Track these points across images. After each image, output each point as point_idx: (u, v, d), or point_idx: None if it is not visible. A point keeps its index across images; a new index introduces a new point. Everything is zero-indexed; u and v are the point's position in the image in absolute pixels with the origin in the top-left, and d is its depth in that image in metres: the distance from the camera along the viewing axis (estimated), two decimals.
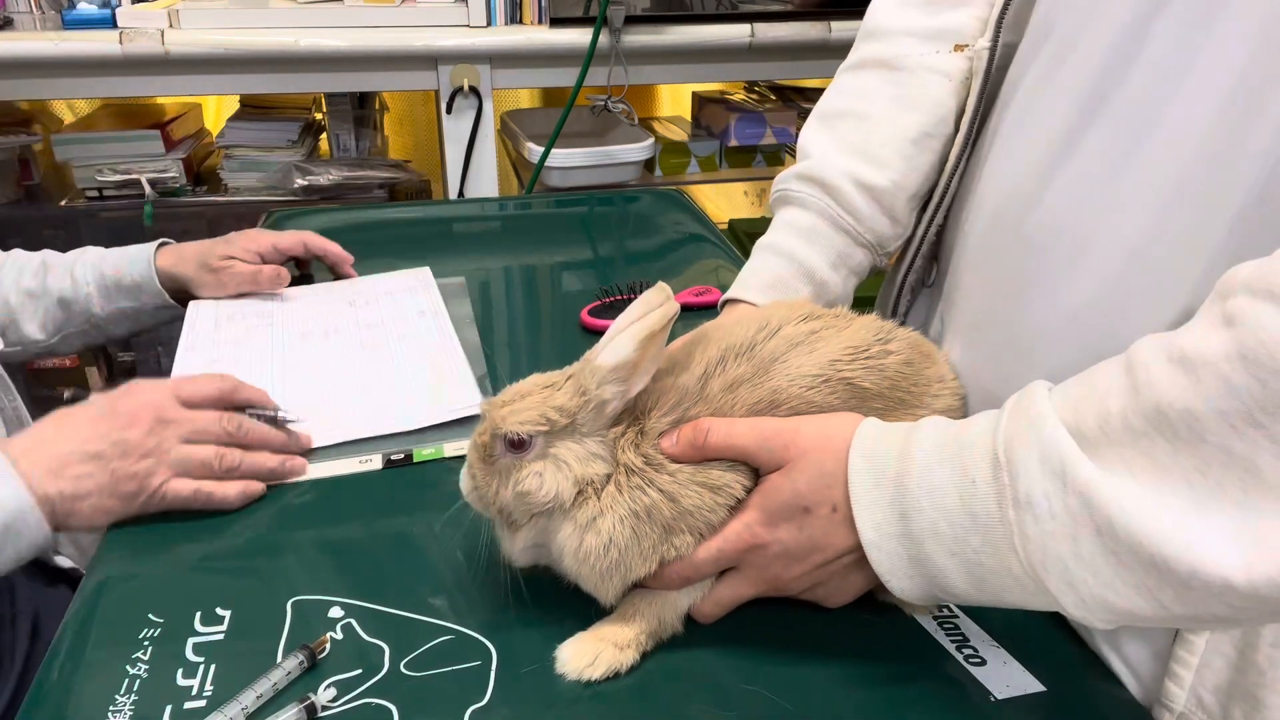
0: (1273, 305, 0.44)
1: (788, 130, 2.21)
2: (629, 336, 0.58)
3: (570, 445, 0.60)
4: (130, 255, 1.10)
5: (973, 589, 0.55)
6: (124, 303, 1.10)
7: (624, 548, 0.59)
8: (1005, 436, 0.52)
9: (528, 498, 0.59)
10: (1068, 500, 0.49)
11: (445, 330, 1.04)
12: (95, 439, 0.73)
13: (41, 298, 1.09)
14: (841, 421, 0.60)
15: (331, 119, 2.18)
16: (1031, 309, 0.65)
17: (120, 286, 1.09)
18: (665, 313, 0.58)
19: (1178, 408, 0.46)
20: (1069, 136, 0.63)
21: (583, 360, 0.61)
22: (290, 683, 0.59)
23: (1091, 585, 0.49)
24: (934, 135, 0.82)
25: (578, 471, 0.59)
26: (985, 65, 0.76)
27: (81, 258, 1.11)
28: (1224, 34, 0.55)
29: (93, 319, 1.11)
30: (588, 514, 0.59)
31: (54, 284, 1.09)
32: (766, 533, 0.59)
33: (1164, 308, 0.57)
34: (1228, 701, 0.56)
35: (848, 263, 0.85)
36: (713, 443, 0.60)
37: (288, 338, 1.02)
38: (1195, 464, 0.46)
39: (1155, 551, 0.46)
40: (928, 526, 0.54)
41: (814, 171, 0.84)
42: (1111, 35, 0.61)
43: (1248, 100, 0.53)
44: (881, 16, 0.86)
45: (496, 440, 0.60)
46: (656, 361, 0.60)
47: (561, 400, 0.59)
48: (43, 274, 1.09)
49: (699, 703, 0.59)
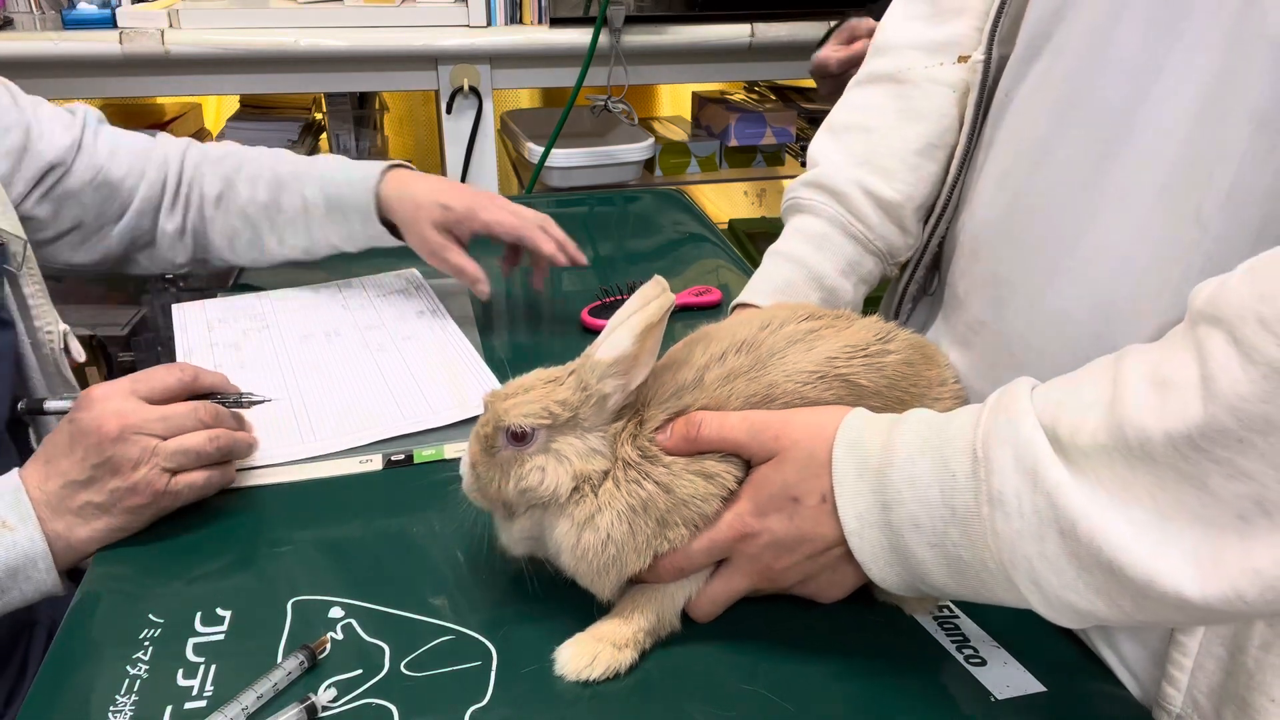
0: (1219, 331, 0.45)
1: (788, 130, 2.21)
2: (627, 330, 0.58)
3: (572, 440, 0.60)
4: (356, 179, 1.06)
5: (952, 581, 0.55)
6: (348, 225, 1.08)
7: (620, 543, 0.59)
8: (984, 432, 0.53)
9: (529, 493, 0.60)
10: (1036, 500, 0.49)
11: (450, 329, 1.05)
12: (77, 466, 0.70)
13: (277, 213, 1.08)
14: (832, 413, 0.60)
15: (331, 119, 2.18)
16: (1020, 315, 0.66)
17: (343, 209, 1.07)
18: (662, 305, 0.58)
19: (1135, 426, 0.47)
20: (1046, 143, 0.64)
21: (584, 356, 0.61)
22: (290, 683, 0.59)
23: (1055, 586, 0.50)
24: (939, 145, 0.82)
25: (578, 466, 0.60)
26: (980, 78, 0.77)
27: (312, 170, 1.08)
28: (1191, 37, 0.55)
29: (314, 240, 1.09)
30: (585, 511, 0.59)
31: (287, 201, 1.07)
32: (757, 522, 0.60)
33: (1151, 312, 0.58)
34: (1220, 704, 0.56)
35: (858, 270, 0.85)
36: (705, 435, 0.60)
37: (289, 340, 1.02)
38: (1154, 481, 0.46)
39: (1114, 559, 0.47)
40: (908, 517, 0.55)
41: (823, 179, 0.85)
42: (1079, 41, 0.62)
43: (1221, 103, 0.54)
44: (888, 33, 0.87)
45: (499, 432, 0.60)
46: (654, 354, 0.60)
47: (564, 394, 0.59)
48: (276, 189, 1.07)
49: (698, 702, 0.59)
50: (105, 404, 0.72)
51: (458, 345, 1.01)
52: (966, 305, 0.74)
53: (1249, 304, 0.44)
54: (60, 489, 0.71)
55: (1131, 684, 0.62)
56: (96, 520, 0.71)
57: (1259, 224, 0.53)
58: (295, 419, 0.88)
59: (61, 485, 0.71)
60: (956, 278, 0.76)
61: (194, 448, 0.73)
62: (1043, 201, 0.64)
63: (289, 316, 1.07)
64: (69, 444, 0.71)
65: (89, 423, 0.71)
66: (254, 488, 0.79)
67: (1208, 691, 0.57)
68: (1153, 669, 0.61)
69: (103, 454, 0.70)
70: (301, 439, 0.85)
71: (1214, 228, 0.54)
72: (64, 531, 0.70)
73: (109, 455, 0.70)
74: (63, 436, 0.72)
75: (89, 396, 0.73)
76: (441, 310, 1.09)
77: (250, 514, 0.76)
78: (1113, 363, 0.51)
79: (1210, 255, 0.54)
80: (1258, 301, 0.43)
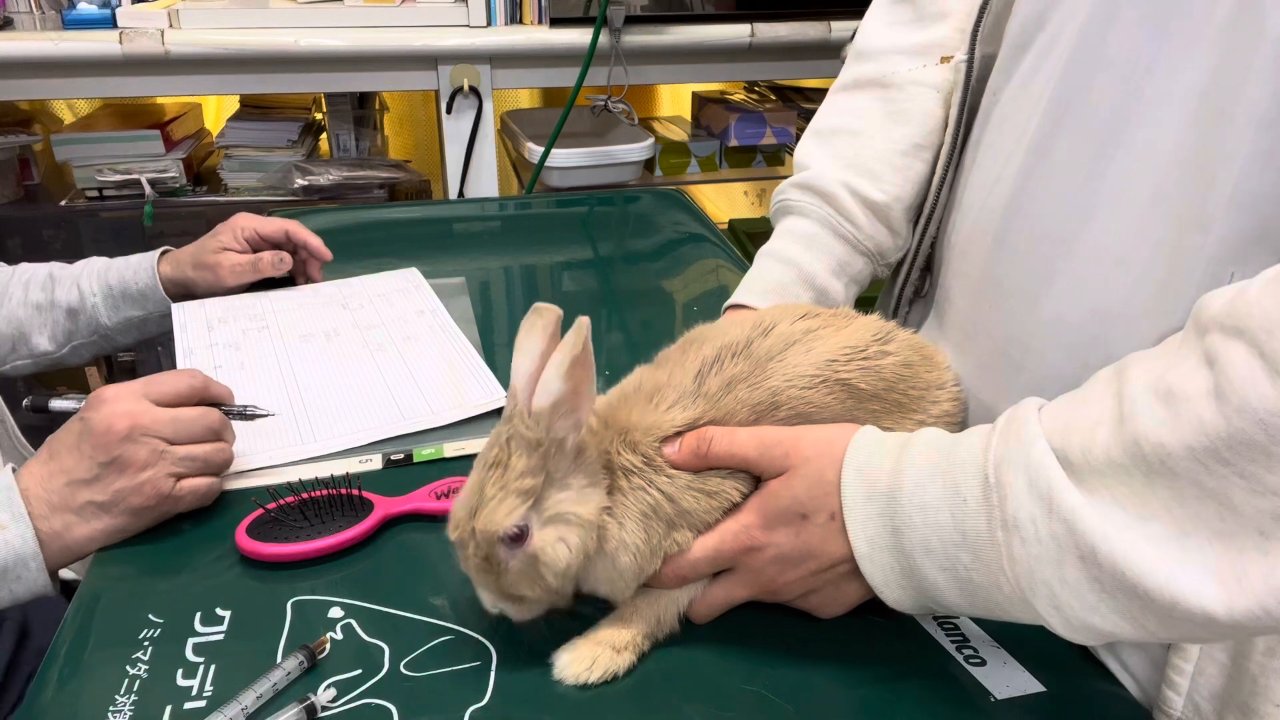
0: (1241, 343, 0.44)
1: (788, 130, 2.21)
2: (554, 371, 0.54)
3: (559, 496, 0.57)
4: (134, 264, 1.11)
5: (964, 602, 0.55)
6: (131, 312, 1.11)
7: (642, 551, 0.59)
8: (996, 457, 0.52)
9: (569, 569, 0.57)
10: (1053, 526, 0.49)
11: (450, 329, 1.05)
12: (83, 464, 0.71)
13: (50, 310, 1.09)
14: (842, 430, 0.60)
15: (331, 119, 2.18)
16: (1015, 318, 0.66)
17: (126, 295, 1.10)
18: (578, 335, 0.54)
19: (1152, 441, 0.46)
20: (1040, 145, 0.63)
21: (506, 416, 0.58)
22: (290, 683, 0.59)
23: (1077, 609, 0.49)
24: (925, 146, 0.83)
25: (584, 514, 0.57)
26: (964, 78, 0.77)
27: (87, 268, 1.12)
28: (1184, 37, 0.55)
29: (101, 329, 1.11)
30: (614, 541, 0.59)
31: (62, 296, 1.09)
32: (763, 535, 0.60)
33: (1148, 315, 0.57)
34: (1223, 709, 0.56)
35: (848, 270, 0.85)
36: (715, 451, 0.60)
37: (288, 340, 1.02)
38: (1172, 496, 0.46)
39: (1137, 582, 0.46)
40: (919, 542, 0.55)
41: (812, 181, 0.86)
42: (1071, 41, 0.61)
43: (1219, 105, 0.53)
44: (869, 37, 0.88)
45: (498, 548, 0.56)
46: (593, 383, 0.56)
47: (520, 465, 0.56)
48: (50, 286, 1.10)
49: (698, 703, 0.59)
50: (116, 404, 0.72)
51: (457, 345, 1.01)
52: (959, 307, 0.73)
53: (1275, 315, 0.43)
54: (63, 486, 0.71)
55: (1132, 686, 0.62)
56: (96, 520, 0.71)
57: (1262, 226, 0.52)
58: (295, 419, 0.88)
59: (65, 483, 0.71)
60: (949, 280, 0.76)
61: (202, 455, 0.74)
62: (1036, 203, 0.64)
63: (289, 316, 1.07)
64: (76, 441, 0.72)
65: (99, 421, 0.71)
66: (254, 488, 0.79)
67: (1209, 696, 0.56)
68: (1153, 673, 0.61)
69: (110, 453, 0.70)
70: (301, 439, 0.85)
71: (1216, 230, 0.54)
72: (61, 530, 0.70)
73: (117, 454, 0.70)
74: (70, 434, 0.72)
75: (100, 396, 0.73)
76: (441, 310, 1.09)
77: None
78: (1114, 376, 0.51)
79: (1212, 259, 0.54)
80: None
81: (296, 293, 1.14)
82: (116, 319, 1.11)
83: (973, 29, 0.77)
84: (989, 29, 0.76)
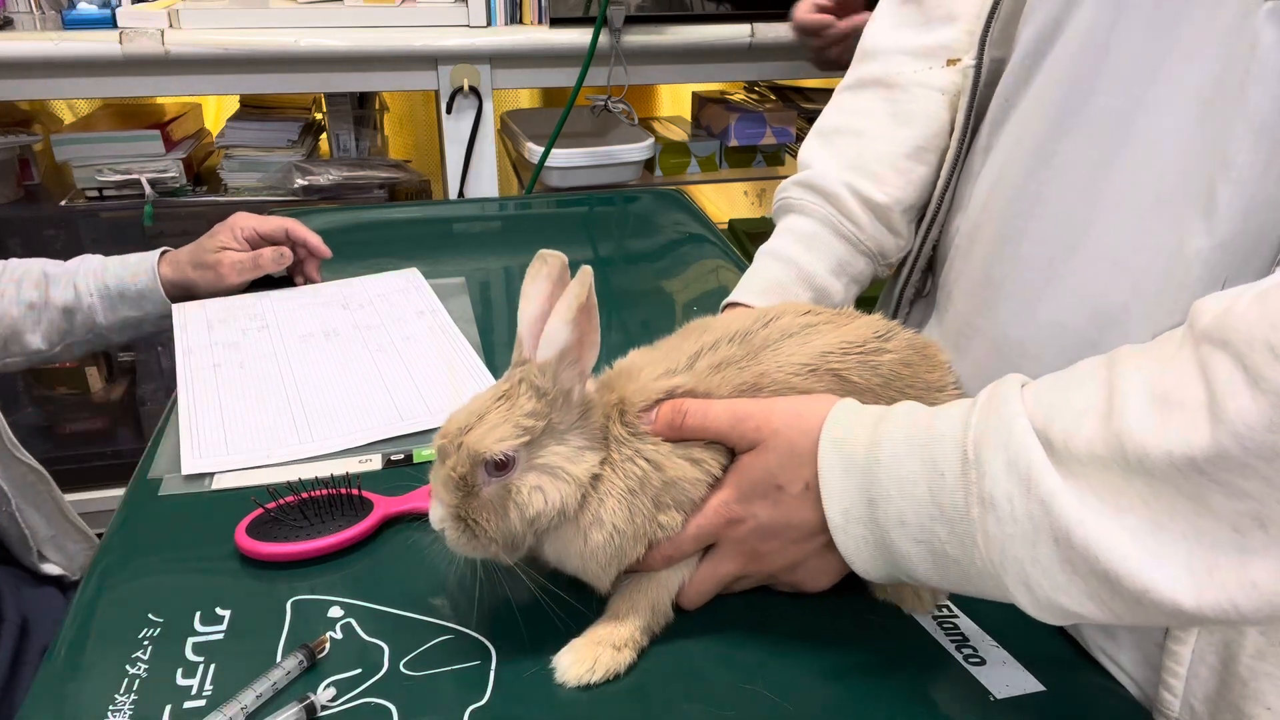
0: (1224, 355, 0.45)
1: (788, 130, 2.21)
2: (559, 320, 0.56)
3: (555, 448, 0.58)
4: (133, 265, 1.11)
5: (935, 575, 0.56)
6: (128, 312, 1.11)
7: (623, 532, 0.59)
8: (976, 434, 0.53)
9: (539, 519, 0.57)
10: (1029, 506, 0.49)
11: (450, 329, 1.05)
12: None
13: (44, 309, 1.09)
14: (815, 402, 0.61)
15: (331, 119, 2.17)
16: (1014, 321, 0.66)
17: (124, 296, 1.10)
18: (582, 283, 0.55)
19: (1136, 442, 0.46)
20: (1044, 149, 0.63)
21: (516, 363, 0.59)
22: (290, 682, 0.59)
23: (1046, 589, 0.50)
24: (929, 149, 0.83)
25: (574, 472, 0.58)
26: (972, 82, 0.77)
27: (83, 267, 1.12)
28: (1186, 45, 0.55)
29: (96, 328, 1.11)
30: (590, 512, 0.59)
31: (57, 296, 1.10)
32: (741, 508, 0.60)
33: (1148, 319, 0.57)
34: (1216, 712, 0.56)
35: (848, 270, 0.85)
36: (689, 424, 0.60)
37: (288, 340, 1.02)
38: (1150, 492, 0.46)
39: (1109, 568, 0.47)
40: (895, 514, 0.55)
41: (814, 180, 0.86)
42: (1075, 46, 0.61)
43: (1220, 112, 0.53)
44: (876, 38, 0.88)
45: (478, 468, 0.56)
46: (597, 331, 0.58)
47: (528, 405, 0.56)
48: (44, 285, 1.10)
49: (698, 702, 0.59)
50: None
51: (457, 345, 1.01)
52: (959, 308, 0.74)
53: (1259, 331, 0.43)
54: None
55: (1130, 685, 0.62)
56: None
57: (1264, 232, 0.53)
58: (294, 419, 0.88)
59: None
60: (950, 280, 0.76)
61: None
62: (1039, 207, 0.64)
63: (288, 316, 1.07)
64: None
65: None
66: (254, 487, 0.79)
67: (1203, 698, 0.57)
68: (1150, 675, 0.61)
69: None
70: (300, 439, 0.85)
71: (1219, 235, 0.54)
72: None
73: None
74: None
75: None
76: (441, 311, 1.09)
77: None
78: (1104, 366, 0.51)
79: (1214, 264, 0.54)
80: (1269, 329, 0.43)
81: (296, 293, 1.14)
82: (112, 319, 1.11)
83: (982, 33, 0.76)
84: (998, 33, 0.75)
